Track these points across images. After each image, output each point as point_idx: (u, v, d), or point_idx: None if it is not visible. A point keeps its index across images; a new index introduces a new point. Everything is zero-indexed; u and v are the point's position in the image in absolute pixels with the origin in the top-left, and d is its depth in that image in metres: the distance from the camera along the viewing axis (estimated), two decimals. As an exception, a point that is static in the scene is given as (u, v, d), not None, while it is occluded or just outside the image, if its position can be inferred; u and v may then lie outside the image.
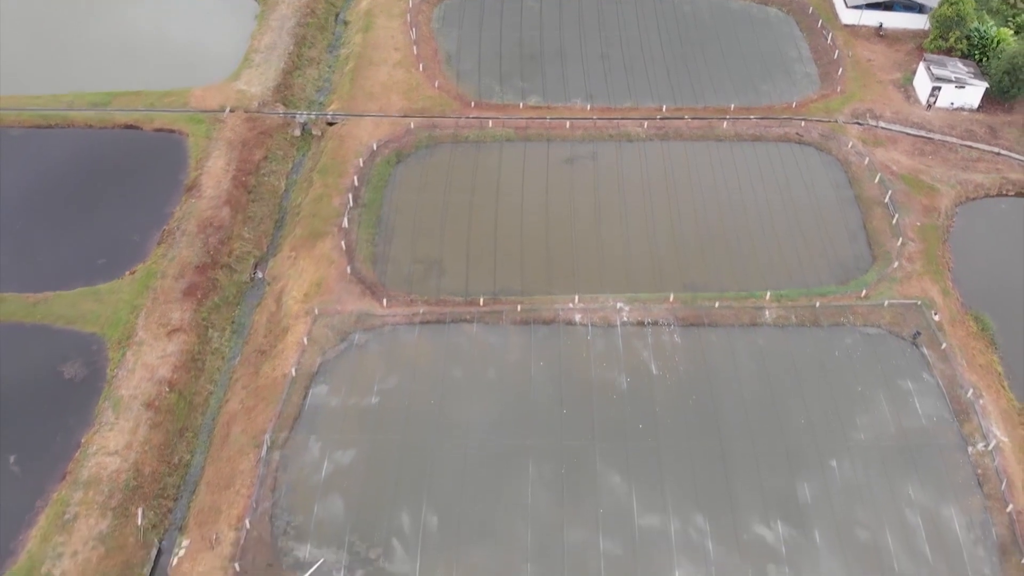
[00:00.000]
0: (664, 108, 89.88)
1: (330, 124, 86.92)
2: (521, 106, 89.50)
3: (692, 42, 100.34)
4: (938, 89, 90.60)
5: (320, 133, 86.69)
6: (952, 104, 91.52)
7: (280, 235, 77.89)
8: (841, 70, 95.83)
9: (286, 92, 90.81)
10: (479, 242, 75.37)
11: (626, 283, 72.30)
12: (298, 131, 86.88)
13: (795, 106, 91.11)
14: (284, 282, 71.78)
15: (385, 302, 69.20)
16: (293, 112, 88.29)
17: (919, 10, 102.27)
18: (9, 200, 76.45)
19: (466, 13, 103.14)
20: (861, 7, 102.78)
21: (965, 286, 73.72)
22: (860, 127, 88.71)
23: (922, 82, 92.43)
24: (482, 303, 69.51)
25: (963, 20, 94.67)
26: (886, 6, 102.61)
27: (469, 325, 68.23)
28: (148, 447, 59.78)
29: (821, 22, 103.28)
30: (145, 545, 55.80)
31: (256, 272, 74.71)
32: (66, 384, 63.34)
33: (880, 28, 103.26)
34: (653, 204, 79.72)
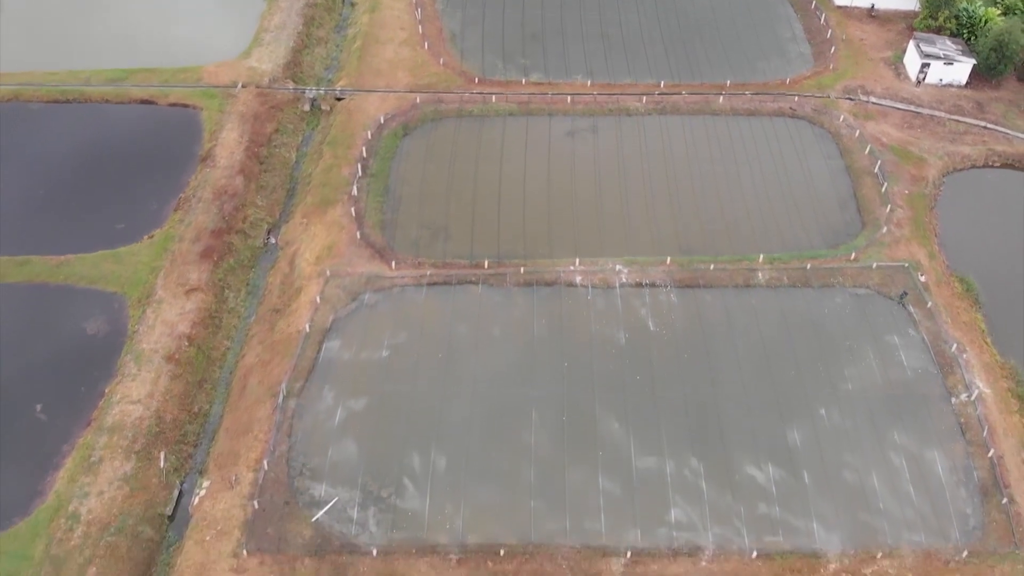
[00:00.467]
0: (662, 84, 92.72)
1: (339, 99, 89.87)
2: (523, 82, 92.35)
3: (689, 22, 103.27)
4: (927, 66, 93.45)
5: (329, 108, 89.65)
6: (941, 80, 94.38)
7: (292, 203, 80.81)
8: (833, 48, 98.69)
9: (296, 69, 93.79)
10: (483, 209, 78.20)
11: (625, 247, 75.10)
12: (307, 106, 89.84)
13: (789, 82, 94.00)
14: (296, 246, 74.68)
15: (394, 265, 72.08)
16: (302, 88, 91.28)
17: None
18: (31, 169, 79.41)
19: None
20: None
21: (951, 250, 76.52)
22: (851, 102, 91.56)
23: (912, 59, 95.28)
24: (487, 266, 72.33)
25: (952, 0, 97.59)
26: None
27: (474, 286, 71.06)
28: (169, 396, 62.73)
29: (815, 3, 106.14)
30: (167, 486, 58.80)
31: (269, 238, 77.63)
32: (89, 339, 66.25)
33: (872, 9, 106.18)
34: (651, 174, 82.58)
